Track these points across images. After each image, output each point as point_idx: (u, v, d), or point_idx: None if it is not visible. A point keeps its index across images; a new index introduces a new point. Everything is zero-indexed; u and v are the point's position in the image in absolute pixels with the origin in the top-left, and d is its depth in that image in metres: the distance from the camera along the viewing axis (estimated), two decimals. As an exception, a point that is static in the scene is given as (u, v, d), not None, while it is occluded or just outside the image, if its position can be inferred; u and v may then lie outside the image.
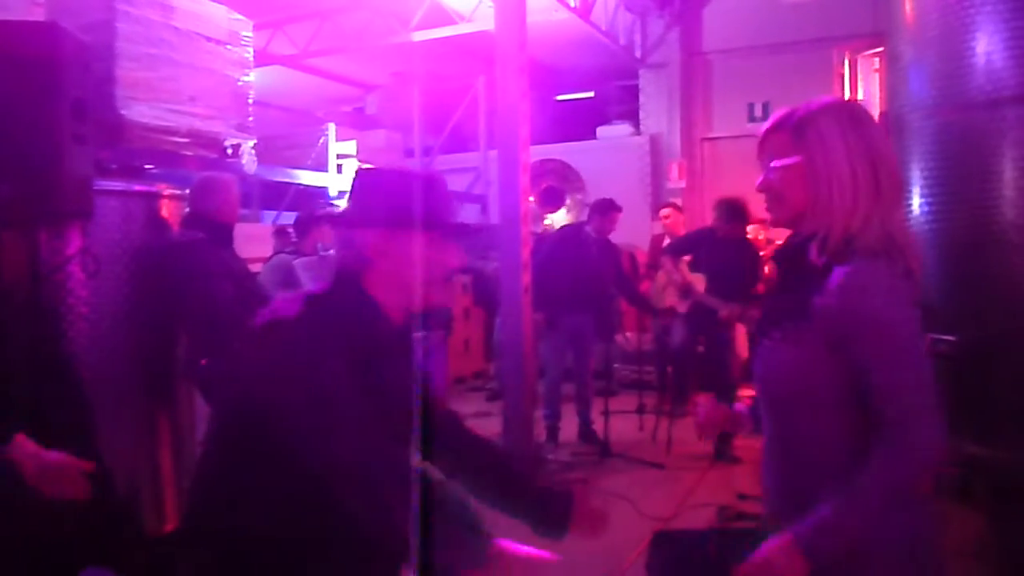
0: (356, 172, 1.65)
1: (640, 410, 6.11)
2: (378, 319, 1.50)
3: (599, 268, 5.70)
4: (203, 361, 3.30)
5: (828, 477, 1.34)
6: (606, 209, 5.87)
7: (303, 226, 5.26)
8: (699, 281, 5.23)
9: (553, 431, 5.67)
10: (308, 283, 4.59)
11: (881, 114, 3.82)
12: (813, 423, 1.40)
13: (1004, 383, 2.79)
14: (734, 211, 5.30)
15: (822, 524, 1.30)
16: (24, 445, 1.90)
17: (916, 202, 3.13)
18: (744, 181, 8.99)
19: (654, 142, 9.40)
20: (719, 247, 5.28)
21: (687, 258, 5.56)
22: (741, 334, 6.02)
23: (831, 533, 1.30)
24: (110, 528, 3.01)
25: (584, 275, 5.56)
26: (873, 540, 1.33)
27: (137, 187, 3.32)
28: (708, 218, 5.96)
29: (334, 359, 1.40)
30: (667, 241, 6.43)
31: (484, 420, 6.36)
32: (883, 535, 1.33)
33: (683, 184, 9.01)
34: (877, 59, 6.73)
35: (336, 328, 1.44)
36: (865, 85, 7.28)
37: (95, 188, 2.81)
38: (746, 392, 6.12)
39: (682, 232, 6.55)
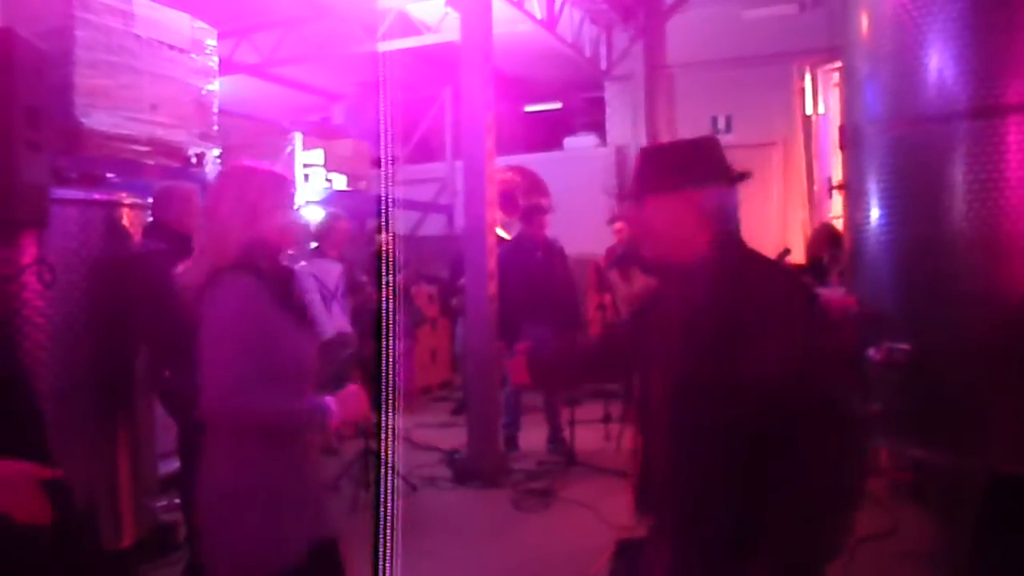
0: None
1: (606, 419, 6.14)
2: None
3: (549, 275, 5.74)
4: (166, 373, 3.25)
5: None
6: (530, 213, 5.98)
7: None
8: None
9: (512, 440, 5.70)
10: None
11: (840, 127, 3.91)
12: None
13: (955, 389, 2.86)
14: None
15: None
16: None
17: (873, 213, 3.21)
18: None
19: (619, 153, 9.49)
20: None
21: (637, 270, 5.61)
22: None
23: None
24: (67, 542, 2.94)
25: (537, 284, 5.59)
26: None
27: (96, 196, 3.27)
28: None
29: None
30: (620, 251, 6.49)
31: (449, 430, 6.35)
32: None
33: (648, 195, 9.11)
34: (836, 73, 6.88)
35: None
36: (825, 99, 7.43)
37: (52, 196, 2.77)
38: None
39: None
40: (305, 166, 8.06)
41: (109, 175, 3.56)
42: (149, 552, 3.53)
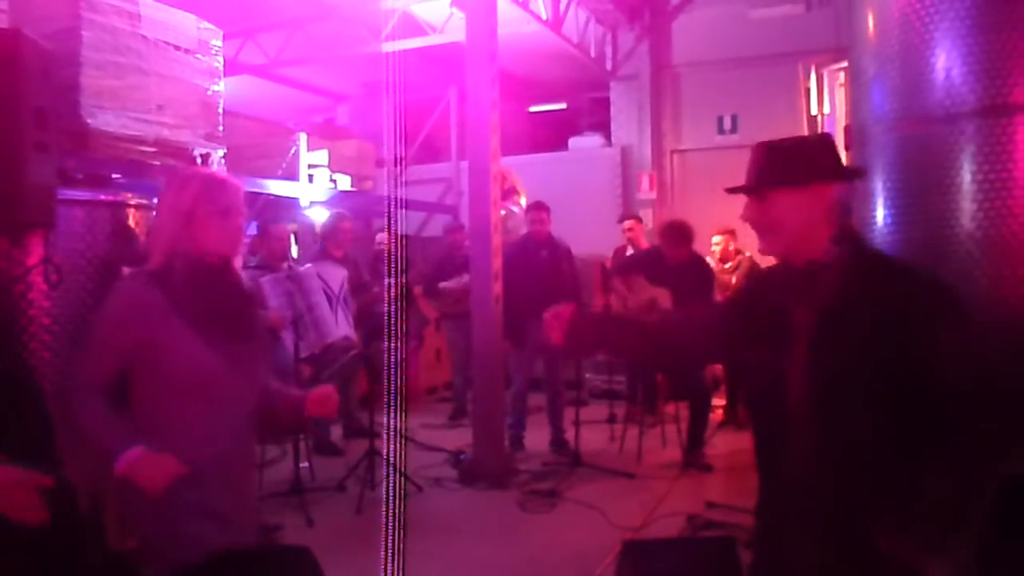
0: None
1: (610, 420, 6.14)
2: None
3: (555, 274, 5.73)
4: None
5: None
6: (529, 210, 6.01)
7: (261, 232, 5.08)
8: (663, 295, 5.26)
9: (517, 440, 5.70)
10: (274, 300, 4.52)
11: (846, 128, 3.89)
12: None
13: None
14: (680, 234, 5.40)
15: None
16: None
17: (879, 213, 3.20)
18: (712, 191, 9.09)
19: (625, 153, 9.48)
20: (669, 270, 5.34)
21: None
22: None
23: None
24: (74, 543, 2.95)
25: (541, 283, 5.58)
26: None
27: (103, 196, 3.28)
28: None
29: None
30: (629, 251, 6.49)
31: (454, 431, 6.35)
32: None
33: (653, 195, 9.10)
34: (843, 73, 6.86)
35: None
36: (831, 98, 7.40)
37: (59, 197, 2.77)
38: (719, 401, 6.18)
39: (644, 244, 6.62)
40: (310, 166, 8.07)
41: (115, 176, 3.57)
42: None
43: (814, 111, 7.82)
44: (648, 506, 4.46)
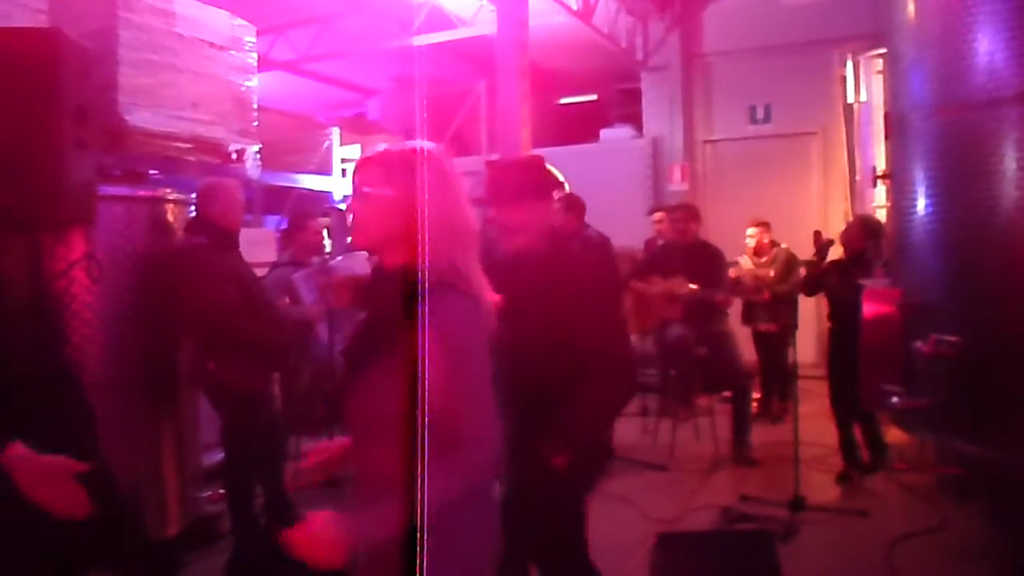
0: None
1: (643, 413, 6.11)
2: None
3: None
4: (210, 366, 3.30)
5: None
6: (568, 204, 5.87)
7: (292, 227, 5.10)
8: (679, 283, 5.22)
9: None
10: (308, 295, 4.55)
11: (884, 115, 3.81)
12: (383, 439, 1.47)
13: (1006, 383, 2.78)
14: (686, 217, 5.42)
15: (369, 515, 1.45)
16: (16, 448, 1.83)
17: (920, 202, 3.13)
18: (745, 182, 9.03)
19: (656, 145, 9.40)
20: (678, 256, 5.31)
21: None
22: (743, 334, 6.02)
23: (374, 525, 1.42)
24: (114, 532, 3.01)
25: None
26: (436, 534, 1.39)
27: (141, 192, 3.33)
28: (709, 221, 5.97)
29: None
30: (660, 243, 6.43)
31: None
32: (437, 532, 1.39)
33: (685, 187, 9.01)
34: (879, 60, 6.73)
35: None
36: (867, 86, 7.27)
37: (99, 194, 2.83)
38: (754, 394, 6.10)
39: (670, 235, 6.55)
40: (343, 161, 8.13)
41: (152, 172, 3.63)
42: (193, 542, 3.60)
43: (850, 99, 7.69)
44: (682, 499, 4.43)
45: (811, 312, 6.87)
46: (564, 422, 2.22)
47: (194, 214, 3.49)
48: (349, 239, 5.90)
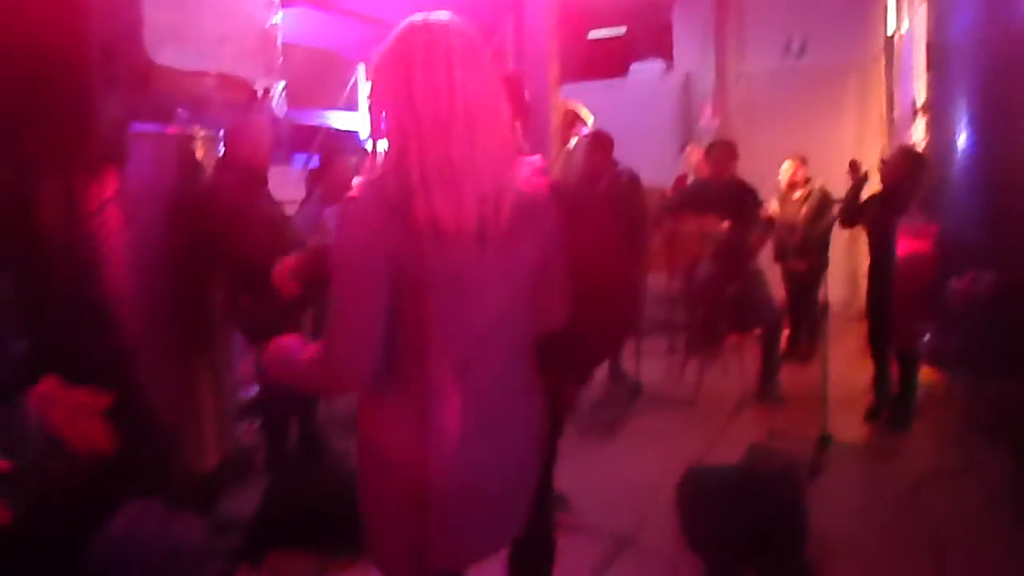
0: None
1: (671, 350, 6.12)
2: None
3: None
4: (244, 302, 3.34)
5: None
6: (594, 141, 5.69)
7: (321, 165, 5.07)
8: (712, 221, 5.15)
9: None
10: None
11: (927, 46, 3.67)
12: None
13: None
14: (723, 153, 5.32)
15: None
16: (46, 384, 1.78)
17: (961, 137, 3.04)
18: (778, 119, 8.78)
19: (687, 80, 9.18)
20: (713, 194, 5.22)
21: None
22: (774, 271, 5.97)
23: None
24: (155, 465, 3.12)
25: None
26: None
27: (170, 130, 3.34)
28: (741, 158, 5.85)
29: None
30: (691, 179, 6.33)
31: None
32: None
33: (716, 123, 8.82)
34: (923, -12, 6.45)
35: None
36: (910, 16, 6.99)
37: (129, 132, 2.84)
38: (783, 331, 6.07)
39: (705, 171, 6.44)
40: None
41: (179, 110, 3.62)
42: (231, 474, 3.71)
43: (891, 30, 7.41)
44: (708, 436, 4.46)
45: (843, 250, 6.76)
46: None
47: (223, 152, 3.50)
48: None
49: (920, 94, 5.31)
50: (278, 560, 2.80)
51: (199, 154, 3.45)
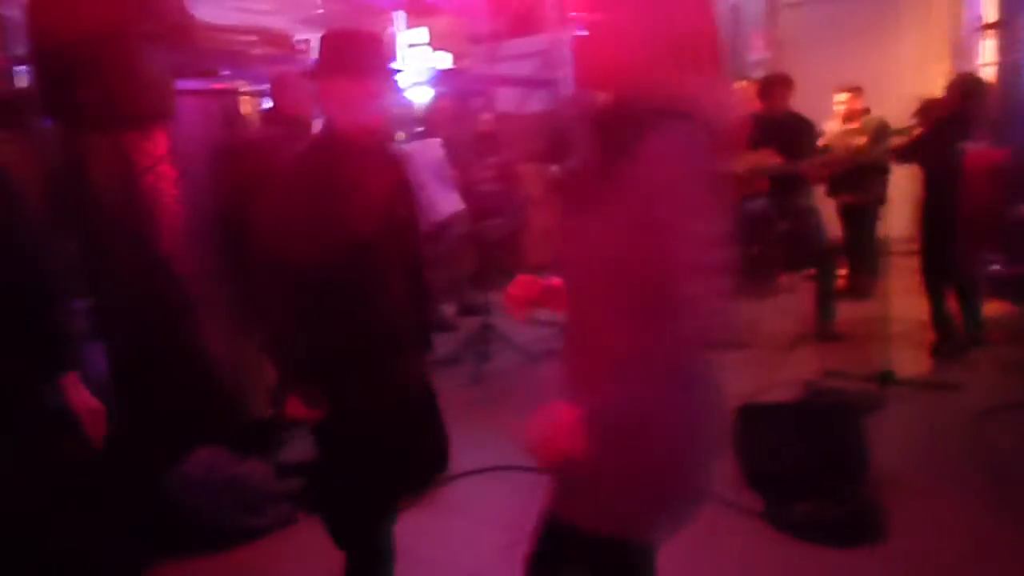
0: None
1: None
2: None
3: None
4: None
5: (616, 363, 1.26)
6: None
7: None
8: (768, 155, 4.99)
9: None
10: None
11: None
12: (607, 308, 1.32)
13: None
14: (778, 86, 5.17)
15: (602, 399, 1.25)
16: (70, 377, 1.88)
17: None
18: (831, 47, 8.44)
19: (735, 10, 8.84)
20: (768, 128, 5.06)
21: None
22: (829, 207, 5.80)
23: (608, 409, 1.25)
24: (220, 411, 3.22)
25: None
26: (650, 414, 1.29)
27: (215, 85, 3.36)
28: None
29: None
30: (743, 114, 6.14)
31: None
32: (659, 409, 1.30)
33: (767, 55, 8.50)
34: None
35: None
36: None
37: (175, 89, 2.86)
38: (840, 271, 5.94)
39: (758, 107, 6.24)
40: (409, 46, 7.96)
41: (219, 66, 3.64)
42: (289, 421, 3.81)
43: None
44: (763, 375, 4.41)
45: (904, 183, 6.53)
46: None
47: (269, 106, 3.51)
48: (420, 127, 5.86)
49: (988, 11, 5.02)
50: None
51: (243, 108, 3.47)
